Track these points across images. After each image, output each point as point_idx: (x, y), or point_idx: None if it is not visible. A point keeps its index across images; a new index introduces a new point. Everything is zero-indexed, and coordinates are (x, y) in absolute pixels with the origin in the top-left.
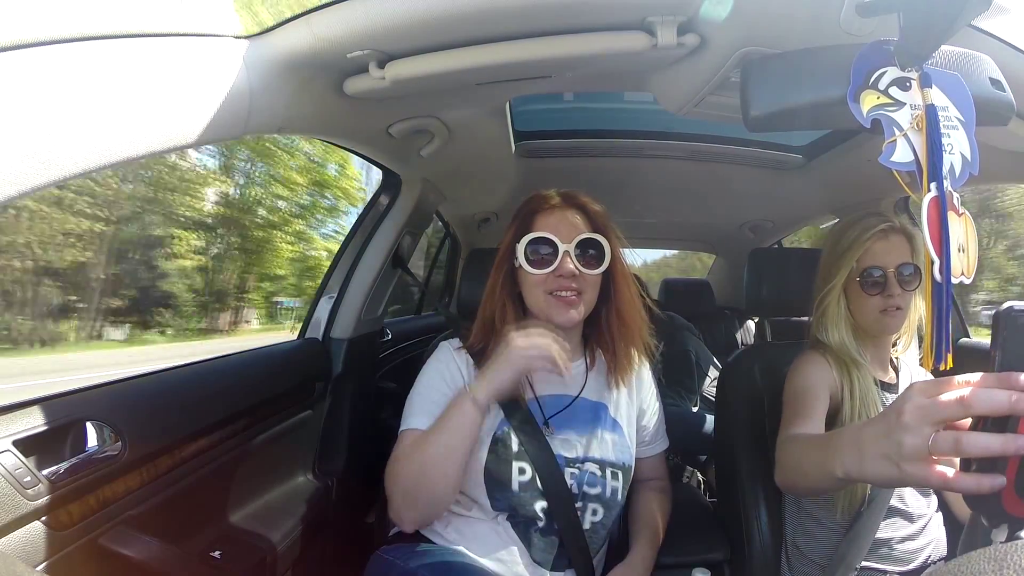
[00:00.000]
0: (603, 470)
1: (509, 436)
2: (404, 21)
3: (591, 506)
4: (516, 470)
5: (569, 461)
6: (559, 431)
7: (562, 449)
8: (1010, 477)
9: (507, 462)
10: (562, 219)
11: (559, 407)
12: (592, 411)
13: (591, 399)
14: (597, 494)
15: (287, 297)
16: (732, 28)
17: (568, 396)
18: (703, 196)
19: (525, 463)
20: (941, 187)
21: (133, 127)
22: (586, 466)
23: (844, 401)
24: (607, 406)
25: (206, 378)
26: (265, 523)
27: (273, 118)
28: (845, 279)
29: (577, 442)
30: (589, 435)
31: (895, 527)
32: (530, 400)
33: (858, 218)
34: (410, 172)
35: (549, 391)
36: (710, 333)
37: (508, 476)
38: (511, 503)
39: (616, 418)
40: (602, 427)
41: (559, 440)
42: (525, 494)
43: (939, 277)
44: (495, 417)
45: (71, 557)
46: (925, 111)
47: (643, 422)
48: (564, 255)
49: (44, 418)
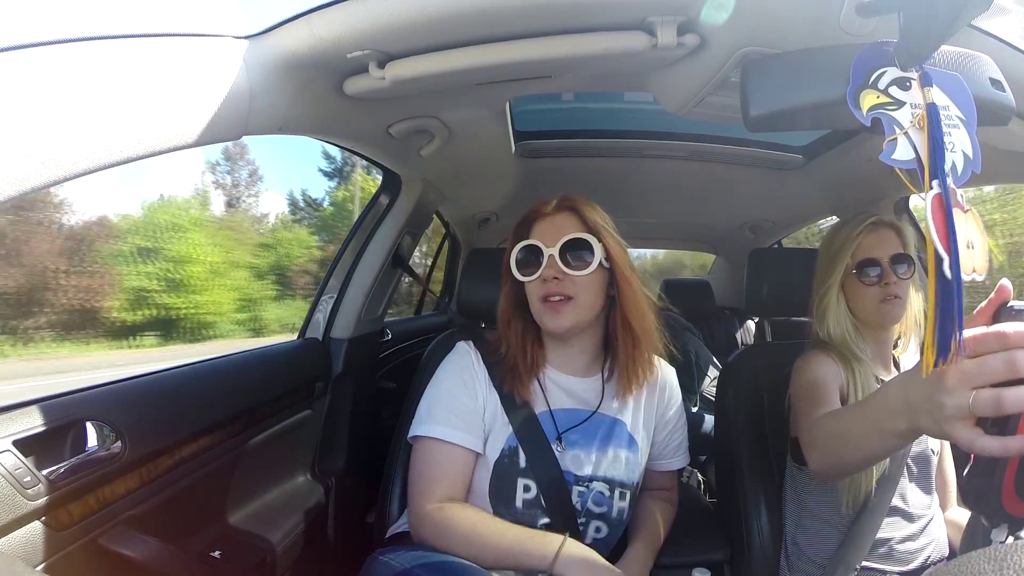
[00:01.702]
0: (612, 490)
1: (517, 452)
2: (404, 21)
3: (594, 523)
4: (521, 487)
5: (578, 479)
6: (571, 447)
7: (572, 466)
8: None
9: (512, 479)
10: (551, 224)
11: (574, 422)
12: (608, 427)
13: (608, 415)
14: (602, 513)
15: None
16: (732, 28)
17: (584, 411)
18: (703, 196)
19: (530, 480)
20: (944, 184)
21: (133, 127)
22: (594, 485)
23: (849, 397)
24: (624, 422)
25: (206, 378)
26: (265, 523)
27: (273, 118)
28: (842, 275)
29: (588, 460)
30: (601, 453)
31: (895, 527)
32: (543, 413)
33: (849, 219)
34: (410, 172)
35: (564, 404)
36: (710, 333)
37: (512, 493)
38: (514, 519)
39: (633, 434)
40: (616, 445)
41: (570, 456)
42: (529, 512)
43: (948, 274)
44: (504, 431)
45: (71, 557)
46: (926, 109)
47: (664, 433)
48: (548, 259)
49: (44, 418)
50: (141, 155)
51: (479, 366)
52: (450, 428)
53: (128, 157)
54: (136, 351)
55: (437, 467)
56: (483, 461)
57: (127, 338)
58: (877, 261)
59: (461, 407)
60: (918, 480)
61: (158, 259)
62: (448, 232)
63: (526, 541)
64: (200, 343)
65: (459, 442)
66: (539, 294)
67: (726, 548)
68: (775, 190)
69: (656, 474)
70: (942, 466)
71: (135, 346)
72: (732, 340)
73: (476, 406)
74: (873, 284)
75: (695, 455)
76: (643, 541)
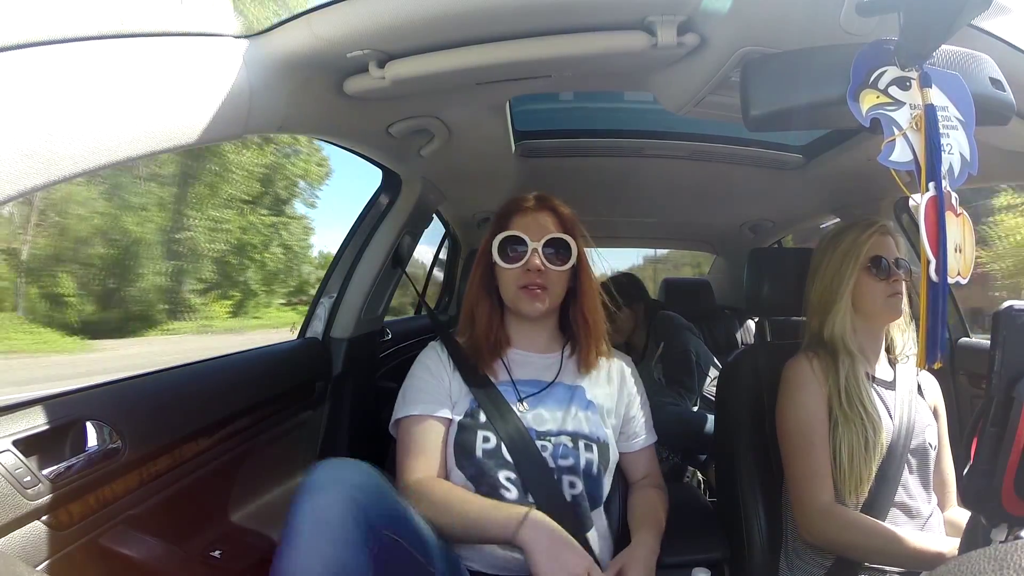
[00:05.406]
0: (576, 442)
1: (478, 411)
2: (404, 21)
3: (567, 478)
4: (480, 438)
5: (541, 434)
6: (532, 409)
7: (534, 423)
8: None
9: (473, 432)
10: (534, 220)
11: (535, 389)
12: (568, 392)
13: (567, 383)
14: (571, 466)
15: None
16: (732, 27)
17: (544, 381)
18: (703, 196)
19: (489, 432)
20: (939, 187)
21: (133, 127)
22: (559, 439)
23: (832, 398)
24: (584, 388)
25: (206, 378)
26: (265, 523)
27: (273, 117)
28: (856, 273)
29: (551, 417)
30: (564, 412)
31: (896, 524)
32: (506, 383)
33: (851, 223)
34: (410, 172)
35: (526, 375)
36: (710, 333)
37: (472, 444)
38: (478, 469)
39: (592, 399)
40: (577, 405)
41: (531, 415)
42: (489, 461)
43: (935, 277)
44: (466, 399)
45: (71, 557)
46: (924, 111)
47: (632, 412)
48: (533, 252)
49: (44, 418)
50: (141, 154)
51: (443, 354)
52: (419, 404)
53: (129, 156)
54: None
55: (413, 443)
56: (451, 425)
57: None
58: (885, 259)
59: (427, 386)
60: (918, 473)
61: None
62: (448, 232)
63: (491, 511)
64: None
65: (427, 412)
66: (519, 282)
67: (726, 548)
68: (775, 190)
69: (636, 458)
70: (941, 465)
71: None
72: (732, 340)
73: (442, 385)
74: (884, 279)
75: (695, 455)
76: (646, 530)
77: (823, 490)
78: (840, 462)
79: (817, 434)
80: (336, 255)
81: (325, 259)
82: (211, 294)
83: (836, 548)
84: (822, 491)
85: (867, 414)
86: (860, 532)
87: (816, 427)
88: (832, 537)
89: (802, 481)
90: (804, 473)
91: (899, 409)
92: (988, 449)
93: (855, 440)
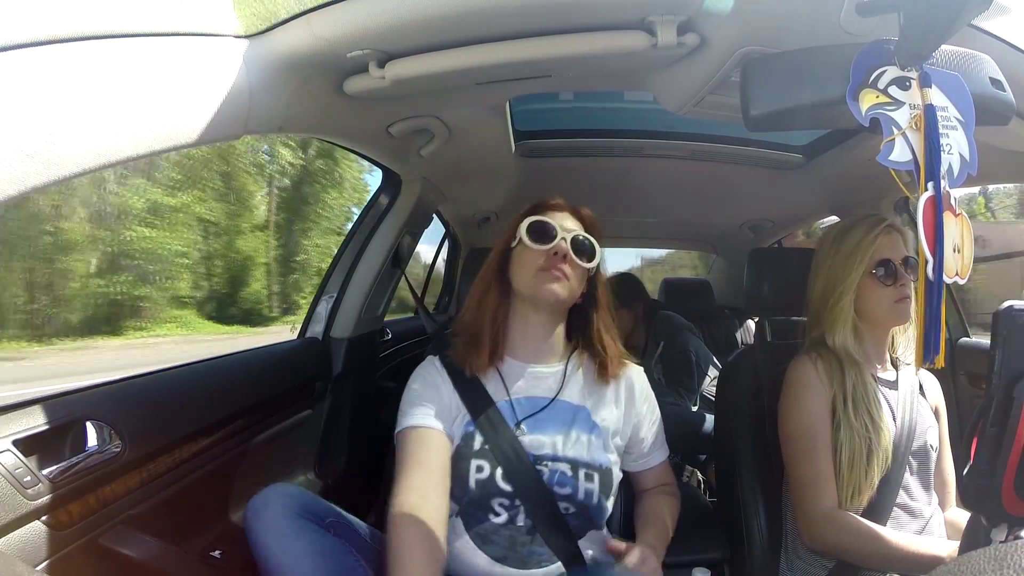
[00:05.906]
0: (575, 471)
1: (473, 436)
2: (404, 21)
3: (562, 505)
4: (474, 468)
5: (538, 459)
6: (531, 432)
7: (531, 448)
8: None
9: (467, 462)
10: (564, 217)
11: (534, 409)
12: (570, 414)
13: (571, 402)
14: (568, 494)
15: None
16: (732, 27)
17: (543, 399)
18: (703, 196)
19: (483, 461)
20: (938, 187)
21: (134, 127)
22: (556, 464)
23: (837, 401)
24: (587, 409)
25: (206, 378)
26: None
27: (273, 117)
28: (860, 276)
29: (549, 441)
30: (564, 436)
31: (897, 524)
32: (504, 402)
33: (856, 220)
34: (410, 172)
35: (525, 393)
36: (710, 333)
37: (466, 474)
38: (469, 500)
39: (596, 421)
40: (579, 428)
41: (528, 439)
42: (482, 492)
43: (932, 276)
44: (463, 420)
45: (71, 557)
46: (924, 111)
47: (641, 434)
48: (561, 239)
49: (44, 418)
50: (142, 154)
51: (441, 370)
52: (419, 416)
53: (129, 156)
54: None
55: (412, 456)
56: (451, 444)
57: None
58: (892, 262)
59: (427, 399)
60: (919, 474)
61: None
62: (448, 232)
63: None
64: None
65: (429, 424)
66: (542, 263)
67: (726, 548)
68: (775, 190)
69: (649, 473)
70: (941, 465)
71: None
72: (732, 340)
73: (441, 399)
74: (890, 284)
75: (695, 455)
76: (651, 534)
77: (826, 495)
78: (839, 466)
79: (820, 438)
80: (336, 255)
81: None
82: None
83: (838, 553)
84: (824, 496)
85: (872, 423)
86: (863, 538)
87: (819, 430)
88: (834, 543)
89: (804, 486)
90: (807, 478)
91: (902, 410)
92: (988, 449)
93: (857, 446)
